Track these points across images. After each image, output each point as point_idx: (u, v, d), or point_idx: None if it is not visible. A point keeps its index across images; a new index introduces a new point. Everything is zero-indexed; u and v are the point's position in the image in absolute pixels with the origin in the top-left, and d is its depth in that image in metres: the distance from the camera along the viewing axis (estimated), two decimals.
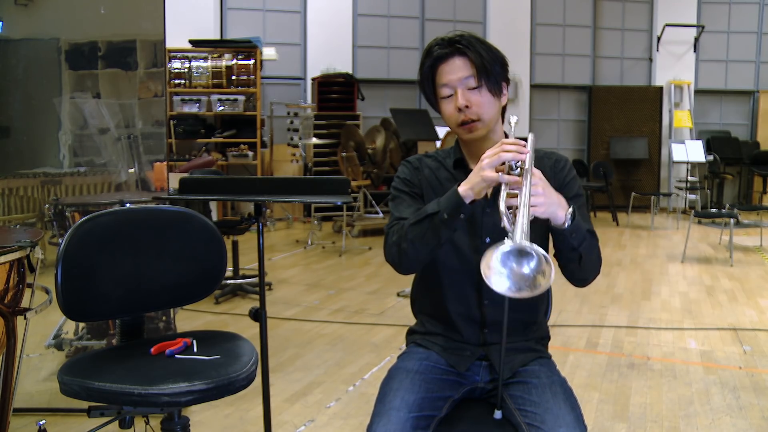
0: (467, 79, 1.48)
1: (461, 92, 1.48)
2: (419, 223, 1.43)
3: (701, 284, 5.35)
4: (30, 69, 3.20)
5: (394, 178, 1.64)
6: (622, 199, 9.93)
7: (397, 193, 1.60)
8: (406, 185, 1.60)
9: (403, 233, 1.46)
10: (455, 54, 1.48)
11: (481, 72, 1.47)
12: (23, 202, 3.21)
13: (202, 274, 1.82)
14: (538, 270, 1.20)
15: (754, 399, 2.96)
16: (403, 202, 1.57)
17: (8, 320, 1.81)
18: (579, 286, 1.55)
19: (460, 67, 1.48)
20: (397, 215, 1.54)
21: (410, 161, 1.64)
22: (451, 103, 1.50)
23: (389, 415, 1.38)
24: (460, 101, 1.48)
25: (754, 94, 10.80)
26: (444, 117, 1.54)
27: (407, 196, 1.58)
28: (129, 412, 1.49)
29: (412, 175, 1.61)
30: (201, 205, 4.23)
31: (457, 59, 1.48)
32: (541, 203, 1.30)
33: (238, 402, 2.83)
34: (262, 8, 9.51)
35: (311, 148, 8.81)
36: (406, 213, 1.53)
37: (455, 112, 1.50)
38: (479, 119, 1.49)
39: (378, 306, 4.57)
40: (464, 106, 1.48)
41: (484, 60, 1.47)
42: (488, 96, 1.49)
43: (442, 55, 1.49)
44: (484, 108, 1.49)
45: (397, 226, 1.50)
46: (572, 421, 1.36)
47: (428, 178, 1.60)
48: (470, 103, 1.48)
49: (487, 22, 10.17)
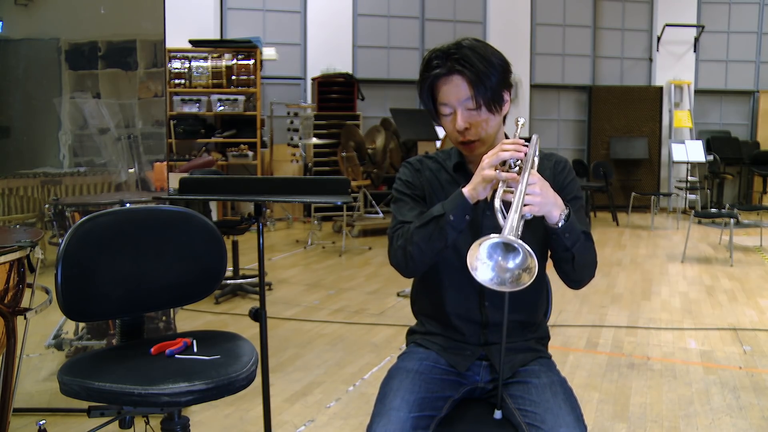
0: (466, 101, 1.46)
1: (461, 113, 1.47)
2: (425, 226, 1.44)
3: (701, 284, 5.35)
4: (30, 69, 3.21)
5: (395, 179, 1.64)
6: (622, 199, 9.93)
7: (399, 196, 1.60)
8: (407, 187, 1.60)
9: (408, 236, 1.46)
10: (454, 73, 1.45)
11: (478, 92, 1.44)
12: (23, 202, 3.21)
13: (202, 274, 1.82)
14: (522, 266, 1.22)
15: (754, 399, 2.96)
16: (405, 205, 1.57)
17: (8, 320, 1.81)
18: (574, 288, 1.55)
19: (458, 87, 1.46)
20: (400, 218, 1.54)
21: (411, 163, 1.64)
22: (451, 122, 1.50)
23: (389, 415, 1.38)
24: (459, 124, 1.47)
25: (754, 94, 10.80)
26: (446, 132, 1.54)
27: (409, 198, 1.58)
28: (129, 412, 1.50)
29: (414, 176, 1.61)
30: (201, 205, 4.23)
31: (455, 77, 1.46)
32: (537, 201, 1.30)
33: (238, 402, 2.83)
34: (262, 8, 9.51)
35: (311, 148, 8.81)
36: (408, 216, 1.53)
37: (455, 132, 1.50)
38: (479, 139, 1.49)
39: (378, 306, 4.57)
40: (464, 128, 1.48)
41: (481, 77, 1.43)
42: (488, 114, 1.48)
43: (440, 74, 1.47)
44: (484, 128, 1.48)
45: (401, 230, 1.51)
46: (572, 421, 1.36)
47: (429, 179, 1.60)
48: (470, 124, 1.48)
49: (487, 22, 10.17)
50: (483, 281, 1.23)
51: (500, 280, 1.23)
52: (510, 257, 1.23)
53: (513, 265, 1.23)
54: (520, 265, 1.22)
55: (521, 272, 1.22)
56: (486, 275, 1.23)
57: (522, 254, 1.21)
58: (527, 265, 1.21)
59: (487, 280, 1.23)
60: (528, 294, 1.55)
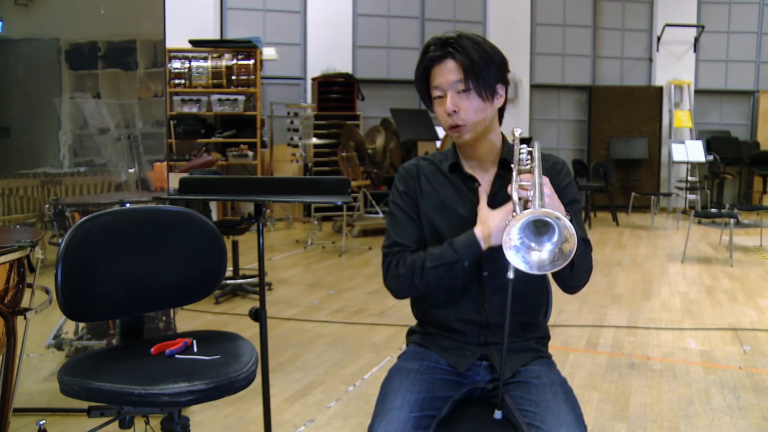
0: (456, 83, 1.47)
1: (450, 96, 1.48)
2: (436, 269, 1.47)
3: (701, 284, 5.35)
4: (30, 69, 3.21)
5: (392, 185, 1.65)
6: (622, 199, 9.93)
7: (394, 209, 1.61)
8: (402, 199, 1.60)
9: (416, 271, 1.49)
10: (448, 57, 1.47)
11: (469, 76, 1.46)
12: (23, 202, 3.21)
13: (202, 274, 1.82)
14: (560, 241, 1.26)
15: (754, 399, 2.96)
16: (399, 224, 1.58)
17: (8, 320, 1.81)
18: (569, 293, 1.55)
19: (451, 70, 1.47)
20: (396, 238, 1.57)
21: (406, 169, 1.63)
22: (441, 106, 1.51)
23: (390, 415, 1.38)
24: (448, 106, 1.48)
25: (754, 94, 10.80)
26: (437, 117, 1.55)
27: (403, 215, 1.59)
28: (129, 412, 1.49)
29: (408, 185, 1.61)
30: (201, 205, 4.23)
31: (449, 62, 1.47)
32: (546, 203, 1.32)
33: (238, 402, 2.83)
34: (262, 8, 9.51)
35: (311, 148, 8.81)
36: (404, 237, 1.56)
37: (445, 115, 1.50)
38: (465, 124, 1.49)
39: (378, 306, 4.57)
40: (452, 111, 1.48)
41: (474, 63, 1.45)
42: (477, 101, 1.48)
43: (435, 57, 1.49)
44: (472, 113, 1.48)
45: (401, 257, 1.53)
46: (572, 421, 1.36)
47: (423, 185, 1.60)
48: (458, 107, 1.48)
49: (487, 22, 10.17)
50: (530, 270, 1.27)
51: (542, 262, 1.27)
52: (545, 239, 1.27)
53: (551, 245, 1.27)
54: (557, 242, 1.26)
55: (561, 246, 1.26)
56: (526, 263, 1.27)
57: (557, 228, 1.25)
58: (564, 237, 1.25)
59: (534, 267, 1.27)
60: (528, 294, 1.56)
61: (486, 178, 1.57)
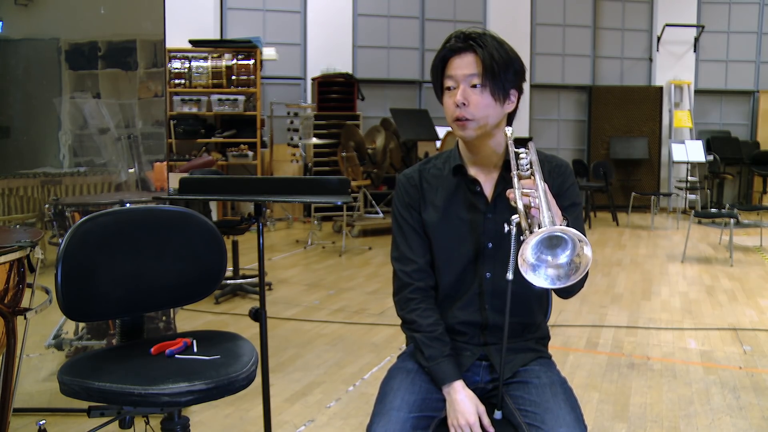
0: (471, 77, 1.46)
1: (463, 88, 1.47)
2: (421, 355, 1.53)
3: (701, 284, 5.35)
4: (30, 69, 3.21)
5: (394, 194, 1.64)
6: (622, 199, 9.93)
7: (401, 220, 1.60)
8: (408, 211, 1.59)
9: (415, 336, 1.53)
10: (468, 50, 1.47)
11: (487, 72, 1.45)
12: (23, 202, 3.21)
13: (202, 274, 1.82)
14: (573, 254, 1.20)
15: (754, 399, 2.96)
16: (405, 237, 1.59)
17: (8, 320, 1.81)
18: (564, 297, 1.54)
19: (468, 64, 1.46)
20: (405, 252, 1.58)
21: (408, 177, 1.62)
22: (451, 97, 1.49)
23: (389, 415, 1.38)
24: (458, 97, 1.47)
25: (754, 94, 10.80)
26: (444, 109, 1.54)
27: (410, 229, 1.59)
28: (129, 412, 1.49)
29: (410, 196, 1.60)
30: (201, 205, 4.23)
31: (469, 55, 1.47)
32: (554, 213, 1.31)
33: (238, 402, 2.83)
34: (262, 8, 9.51)
35: (311, 148, 8.81)
36: (412, 251, 1.57)
37: (453, 107, 1.49)
38: (473, 119, 1.48)
39: (378, 306, 4.57)
40: (461, 102, 1.47)
41: (495, 61, 1.45)
42: (489, 99, 1.47)
43: (456, 48, 1.48)
44: (481, 109, 1.47)
45: (412, 299, 1.56)
46: (572, 421, 1.36)
47: (426, 192, 1.59)
48: (468, 101, 1.46)
49: (487, 23, 10.17)
50: (544, 286, 1.21)
51: (557, 276, 1.21)
52: (559, 251, 1.21)
53: (565, 258, 1.20)
54: (571, 254, 1.20)
55: (573, 260, 1.20)
56: (542, 280, 1.20)
57: (570, 242, 1.19)
58: (578, 251, 1.19)
59: (549, 282, 1.21)
60: (528, 296, 1.56)
61: (489, 180, 1.56)
